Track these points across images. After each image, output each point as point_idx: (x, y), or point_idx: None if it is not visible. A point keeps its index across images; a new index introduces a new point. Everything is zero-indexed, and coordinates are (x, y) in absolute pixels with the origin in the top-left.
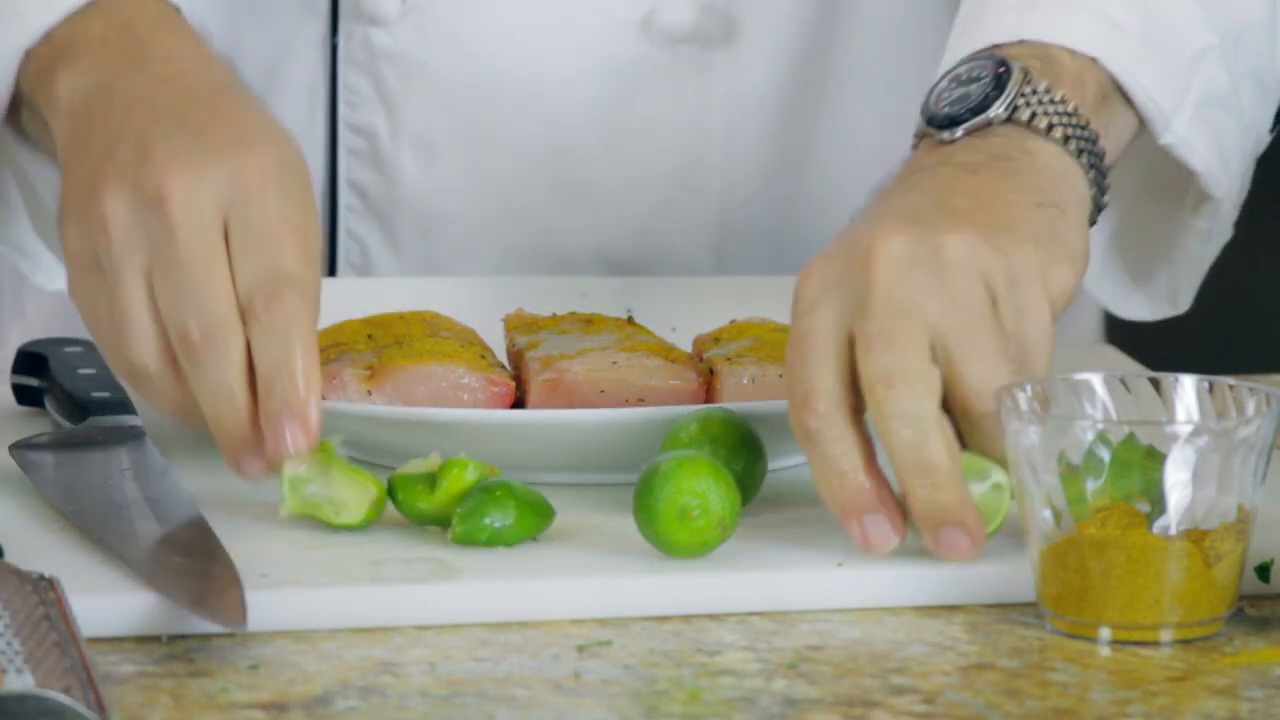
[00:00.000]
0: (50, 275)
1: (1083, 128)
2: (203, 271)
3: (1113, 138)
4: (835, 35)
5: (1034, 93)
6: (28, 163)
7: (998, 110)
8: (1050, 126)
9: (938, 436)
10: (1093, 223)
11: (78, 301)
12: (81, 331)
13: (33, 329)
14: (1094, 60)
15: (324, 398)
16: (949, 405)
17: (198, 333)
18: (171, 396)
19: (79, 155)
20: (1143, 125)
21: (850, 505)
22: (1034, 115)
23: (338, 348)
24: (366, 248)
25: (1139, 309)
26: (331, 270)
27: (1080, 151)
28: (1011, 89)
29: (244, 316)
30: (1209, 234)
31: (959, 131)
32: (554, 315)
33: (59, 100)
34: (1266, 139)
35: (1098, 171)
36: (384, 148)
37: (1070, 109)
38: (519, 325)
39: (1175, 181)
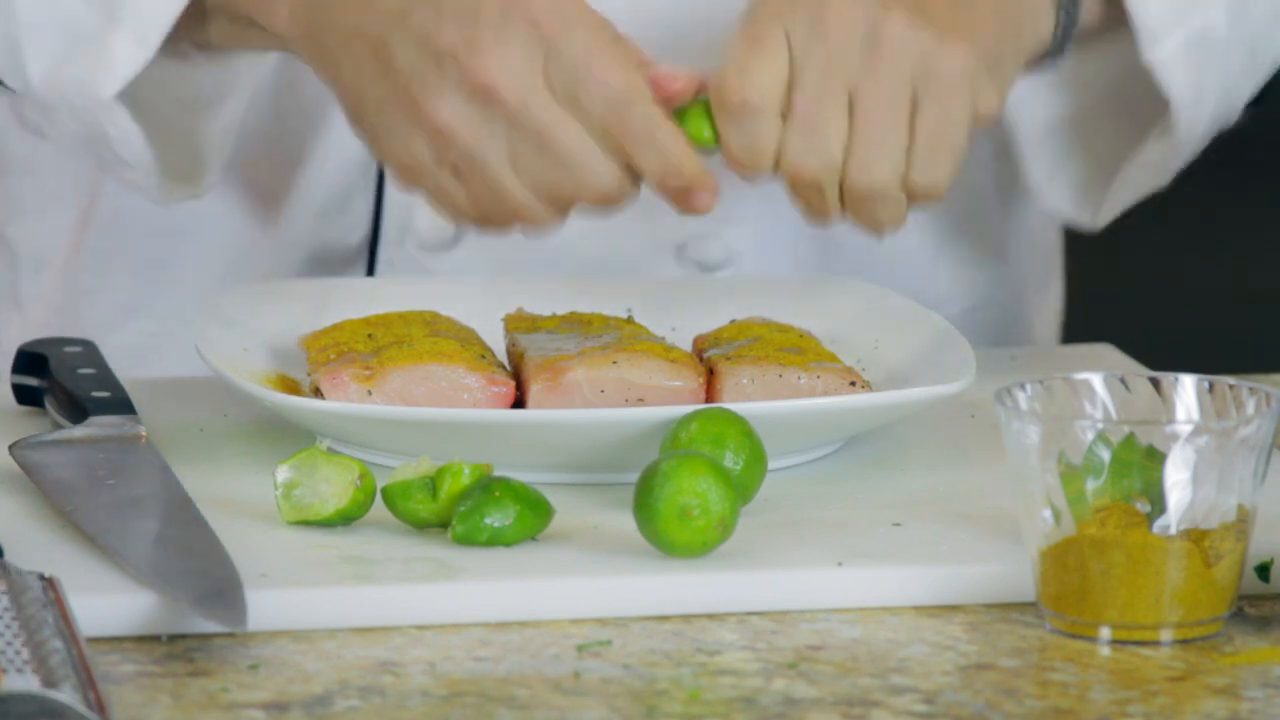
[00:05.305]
0: (167, 191)
1: None
2: (565, 140)
3: (1087, 11)
4: None
5: None
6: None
7: None
8: None
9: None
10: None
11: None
12: (78, 330)
13: (30, 325)
14: None
15: (324, 398)
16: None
17: (592, 197)
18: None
19: (354, 73)
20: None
21: (707, 181)
22: None
23: (338, 348)
24: None
25: (1059, 201)
26: (379, 190)
27: (1068, 9)
28: None
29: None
30: (1155, 168)
31: None
32: (554, 315)
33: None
34: (1238, 111)
35: (1065, 24)
36: None
37: None
38: (519, 325)
39: (1144, 106)
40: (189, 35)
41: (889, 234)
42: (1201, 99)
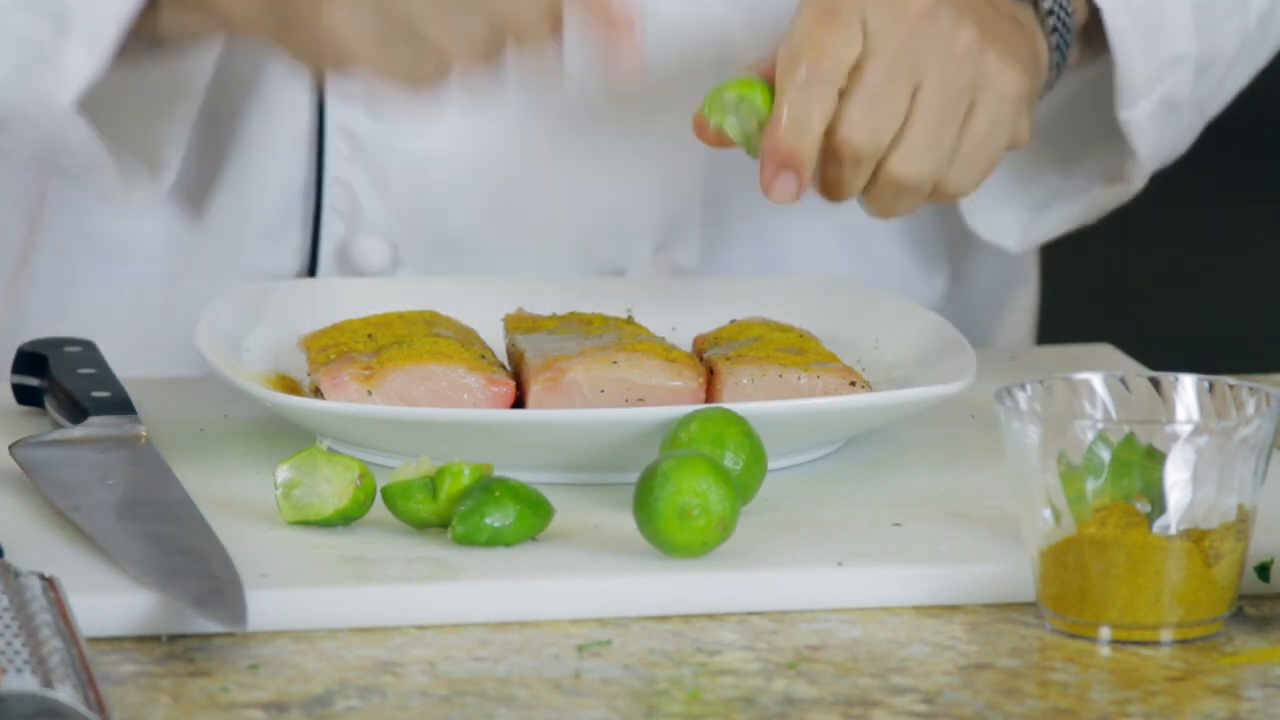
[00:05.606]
0: (127, 192)
1: (1068, 45)
2: None
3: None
4: None
5: None
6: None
7: None
8: (1054, 29)
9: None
10: None
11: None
12: (71, 330)
13: None
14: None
15: (324, 398)
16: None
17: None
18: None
19: None
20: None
21: (787, 156)
22: (1050, 11)
23: (338, 347)
24: (354, 192)
25: (984, 224)
26: (317, 216)
27: (1057, 66)
28: None
29: None
30: (1098, 209)
31: None
32: (554, 315)
33: None
34: (1171, 161)
35: (1055, 73)
36: (376, 88)
37: (1072, 24)
38: (519, 325)
39: (1075, 138)
40: (137, 32)
41: (893, 218)
42: (1158, 154)
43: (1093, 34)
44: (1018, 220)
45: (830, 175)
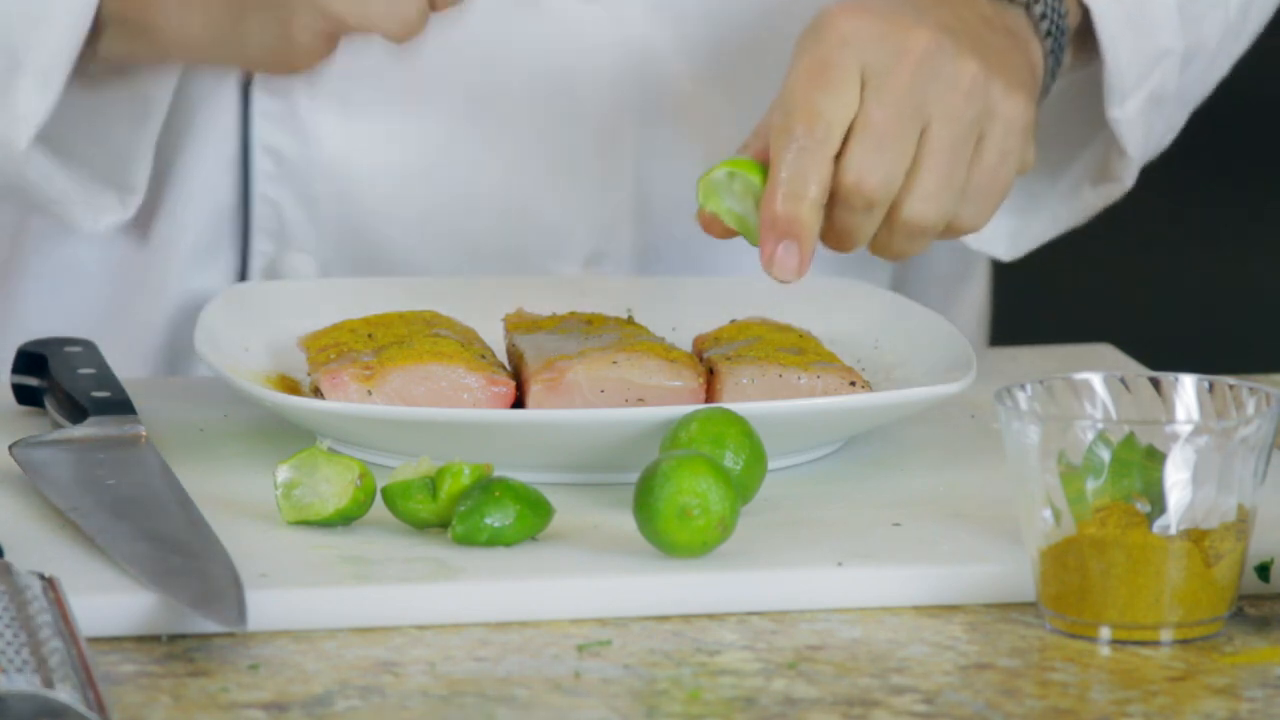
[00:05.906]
0: (94, 219)
1: (1062, 50)
2: None
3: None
4: None
5: None
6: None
7: None
8: (1048, 33)
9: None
10: None
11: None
12: (72, 330)
13: None
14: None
15: (324, 398)
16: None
17: None
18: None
19: None
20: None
21: (786, 224)
22: (1043, 15)
23: (338, 348)
24: (281, 211)
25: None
26: (245, 237)
27: (1052, 70)
28: None
29: None
30: (1088, 211)
31: None
32: (554, 315)
33: None
34: (1159, 151)
35: (1047, 85)
36: (301, 108)
37: (1065, 26)
38: (519, 325)
39: (1059, 141)
40: (87, 58)
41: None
42: (1146, 149)
43: (1083, 35)
44: (1005, 227)
45: (841, 223)
